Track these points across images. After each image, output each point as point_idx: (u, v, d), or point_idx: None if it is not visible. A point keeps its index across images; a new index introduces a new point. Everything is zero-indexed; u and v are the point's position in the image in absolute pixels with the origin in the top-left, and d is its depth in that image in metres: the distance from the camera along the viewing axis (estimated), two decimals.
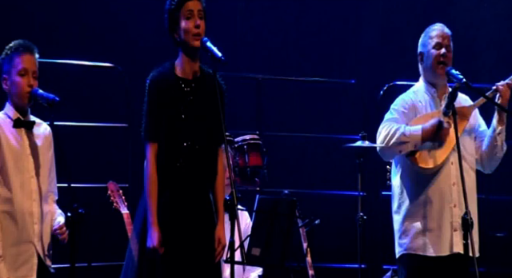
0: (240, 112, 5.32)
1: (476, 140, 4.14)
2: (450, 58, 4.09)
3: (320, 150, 5.91)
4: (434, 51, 4.08)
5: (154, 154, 3.47)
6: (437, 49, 4.08)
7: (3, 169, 3.55)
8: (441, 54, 4.06)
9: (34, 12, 5.48)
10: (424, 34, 4.16)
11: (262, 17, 6.12)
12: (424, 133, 3.98)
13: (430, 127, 3.98)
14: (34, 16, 5.47)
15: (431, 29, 4.15)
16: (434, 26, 4.16)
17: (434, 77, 4.12)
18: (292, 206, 3.96)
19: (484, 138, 4.12)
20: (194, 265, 3.44)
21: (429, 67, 4.11)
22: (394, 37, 6.13)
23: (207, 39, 3.47)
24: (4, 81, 3.64)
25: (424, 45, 4.13)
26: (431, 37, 4.11)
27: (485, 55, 6.09)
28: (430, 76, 4.13)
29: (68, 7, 5.62)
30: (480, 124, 4.19)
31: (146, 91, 3.51)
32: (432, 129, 3.97)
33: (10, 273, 3.52)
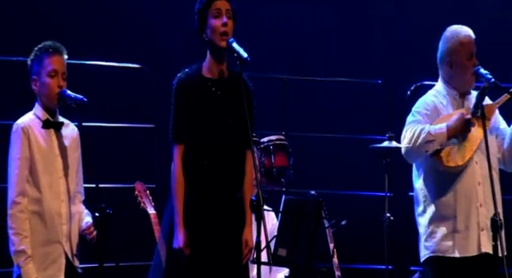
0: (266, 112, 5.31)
1: (497, 138, 4.11)
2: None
3: (346, 151, 5.89)
4: (468, 62, 4.02)
5: (181, 155, 3.48)
6: (470, 59, 4.02)
7: (33, 170, 3.59)
8: (474, 65, 4.01)
9: (62, 13, 5.54)
10: (452, 37, 4.07)
11: (288, 18, 6.12)
12: (449, 130, 3.95)
13: (454, 123, 3.95)
14: (63, 18, 5.52)
15: (461, 34, 4.06)
16: (462, 31, 4.07)
17: (465, 86, 4.07)
18: (318, 207, 3.96)
19: (505, 136, 4.09)
20: (221, 266, 3.45)
21: (461, 77, 4.06)
22: (421, 37, 6.08)
23: (233, 40, 3.48)
24: (34, 82, 3.68)
25: (455, 51, 4.05)
26: (462, 44, 4.04)
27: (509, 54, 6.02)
28: (459, 84, 4.08)
29: (96, 9, 5.66)
30: (500, 122, 4.15)
31: (173, 92, 3.53)
32: (456, 125, 3.95)
33: (38, 273, 3.56)
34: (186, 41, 3.87)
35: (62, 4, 5.56)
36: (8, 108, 3.98)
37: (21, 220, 3.55)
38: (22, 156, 3.57)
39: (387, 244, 4.47)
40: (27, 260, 3.53)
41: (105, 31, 5.67)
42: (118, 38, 5.68)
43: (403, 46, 6.19)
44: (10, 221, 3.56)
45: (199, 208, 3.47)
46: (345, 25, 6.18)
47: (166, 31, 5.75)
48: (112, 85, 5.55)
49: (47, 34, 3.84)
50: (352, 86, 6.04)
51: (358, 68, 6.09)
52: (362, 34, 6.21)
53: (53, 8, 5.52)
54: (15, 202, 3.56)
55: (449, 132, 3.95)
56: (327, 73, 5.93)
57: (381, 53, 6.20)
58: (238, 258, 3.47)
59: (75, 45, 3.96)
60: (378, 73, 6.02)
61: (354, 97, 6.08)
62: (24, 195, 3.57)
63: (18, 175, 3.56)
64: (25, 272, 3.53)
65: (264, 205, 3.30)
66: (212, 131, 3.49)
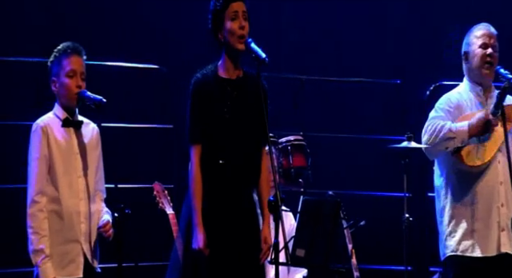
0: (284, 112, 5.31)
1: None
2: (496, 58, 4.04)
3: (364, 151, 5.87)
4: (480, 51, 4.03)
5: (198, 156, 3.50)
6: (483, 48, 4.02)
7: (52, 169, 3.61)
8: (487, 54, 4.01)
9: (82, 15, 5.58)
10: (469, 34, 4.11)
11: (306, 18, 6.11)
12: (471, 128, 3.94)
13: (476, 122, 3.94)
14: (82, 19, 5.56)
15: (476, 28, 4.10)
16: (479, 26, 4.11)
17: (480, 77, 4.06)
18: (336, 207, 3.94)
19: None
20: (239, 266, 3.46)
21: (474, 67, 4.06)
22: (440, 37, 6.05)
23: (251, 40, 3.48)
24: (53, 83, 3.70)
25: (469, 44, 4.08)
26: (477, 36, 4.06)
27: None
28: (476, 76, 4.08)
29: (114, 10, 5.70)
30: None
31: (190, 93, 3.55)
32: (478, 124, 3.93)
33: (56, 272, 3.57)
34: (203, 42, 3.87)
35: (81, 6, 5.60)
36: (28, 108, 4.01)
37: (40, 219, 3.56)
38: (41, 156, 3.59)
39: (406, 244, 4.45)
40: (45, 260, 3.55)
41: (123, 32, 5.70)
42: (137, 39, 5.71)
43: (422, 46, 6.17)
44: (28, 220, 3.58)
45: (216, 209, 3.48)
46: (363, 25, 6.17)
47: (183, 32, 5.77)
48: (130, 86, 5.58)
49: (67, 35, 3.87)
50: (370, 86, 6.02)
51: (377, 68, 6.08)
52: (380, 34, 6.19)
53: (72, 10, 5.57)
54: (34, 201, 3.58)
55: (470, 130, 3.94)
56: (345, 73, 5.92)
57: (400, 53, 6.18)
58: (256, 258, 3.47)
59: (94, 46, 3.99)
60: (396, 73, 6.00)
61: (372, 97, 6.06)
62: (43, 194, 3.59)
63: (37, 174, 3.59)
64: (42, 271, 3.54)
65: (282, 206, 3.30)
66: (229, 131, 3.50)
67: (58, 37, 3.91)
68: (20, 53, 5.14)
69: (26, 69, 5.12)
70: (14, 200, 3.95)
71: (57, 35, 4.02)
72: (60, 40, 3.75)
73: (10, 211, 4.14)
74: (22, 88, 5.28)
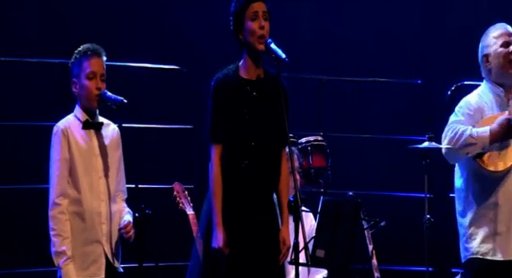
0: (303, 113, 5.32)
1: None
2: None
3: (385, 151, 5.86)
4: (503, 50, 3.99)
5: (219, 155, 3.52)
6: (505, 47, 3.99)
7: (73, 171, 3.65)
8: (510, 52, 3.97)
9: (102, 17, 5.62)
10: (486, 36, 4.07)
11: (325, 18, 6.11)
12: (492, 134, 3.90)
13: (498, 127, 3.90)
14: (103, 21, 5.61)
15: (493, 29, 4.06)
16: (495, 26, 4.07)
17: (505, 76, 4.03)
18: (356, 208, 3.95)
19: None
20: (259, 266, 3.47)
21: (498, 67, 4.02)
22: (461, 36, 6.02)
23: (271, 40, 3.50)
24: (74, 85, 3.74)
25: (488, 46, 4.04)
26: (495, 36, 4.03)
27: None
28: (500, 76, 4.04)
29: (134, 11, 5.73)
30: None
31: (210, 93, 3.57)
32: (500, 129, 3.89)
33: (78, 272, 3.61)
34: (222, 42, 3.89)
35: (101, 7, 5.65)
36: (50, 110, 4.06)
37: (61, 221, 3.60)
38: (62, 158, 3.63)
39: (428, 245, 4.43)
40: (67, 261, 3.59)
41: (144, 33, 5.74)
42: (156, 40, 5.74)
43: (443, 45, 6.14)
44: (50, 223, 3.61)
45: (236, 209, 3.50)
46: (384, 24, 6.15)
47: (203, 32, 5.80)
48: (151, 87, 5.61)
49: (88, 37, 3.90)
50: (391, 86, 6.01)
51: (397, 68, 6.06)
52: (401, 33, 6.17)
53: (92, 11, 5.61)
54: (56, 203, 3.62)
55: (492, 136, 3.90)
56: (365, 73, 5.91)
57: (421, 52, 6.16)
58: (275, 258, 3.49)
59: (115, 47, 4.02)
60: (417, 73, 5.98)
61: (393, 98, 6.04)
62: (64, 196, 3.63)
63: (59, 176, 3.62)
64: (65, 272, 3.58)
65: (302, 206, 3.31)
66: (249, 132, 3.52)
67: (79, 38, 3.95)
68: (42, 54, 5.19)
69: (48, 70, 5.17)
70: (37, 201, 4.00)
71: (78, 36, 4.06)
72: (81, 41, 3.79)
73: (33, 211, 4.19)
74: (44, 89, 5.34)
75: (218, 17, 4.01)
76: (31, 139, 5.04)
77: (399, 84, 5.99)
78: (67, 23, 5.51)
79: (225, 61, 3.67)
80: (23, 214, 5.08)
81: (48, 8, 5.53)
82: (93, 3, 5.62)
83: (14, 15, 5.43)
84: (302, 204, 3.31)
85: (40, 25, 5.48)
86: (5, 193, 5.05)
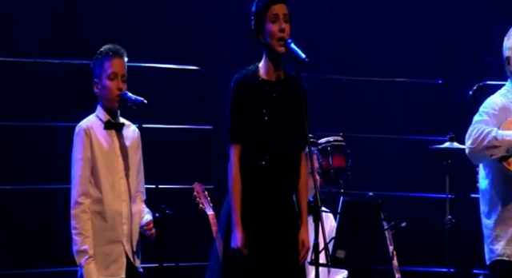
0: (323, 113, 5.32)
1: None
2: None
3: (405, 152, 5.85)
4: None
5: (238, 155, 3.54)
6: None
7: (95, 170, 3.69)
8: None
9: (123, 18, 5.67)
10: (508, 37, 4.04)
11: (346, 17, 6.11)
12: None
13: None
14: (123, 21, 5.65)
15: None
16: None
17: None
18: (377, 208, 3.95)
19: None
20: (278, 266, 3.49)
21: None
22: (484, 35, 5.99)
23: (291, 41, 3.52)
24: (95, 85, 3.78)
25: (511, 48, 4.01)
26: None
27: None
28: None
29: (154, 12, 5.77)
30: None
31: (230, 93, 3.59)
32: None
33: (100, 272, 3.65)
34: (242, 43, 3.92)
35: (121, 8, 5.69)
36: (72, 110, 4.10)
37: (83, 220, 3.64)
38: (84, 158, 3.67)
39: (449, 246, 4.42)
40: (89, 260, 3.63)
41: (163, 34, 5.77)
42: (176, 41, 5.78)
43: (465, 45, 6.11)
44: (72, 221, 3.65)
45: (256, 209, 3.52)
46: (404, 24, 6.14)
47: (223, 32, 5.82)
48: (170, 87, 5.65)
49: (109, 38, 3.94)
50: (411, 87, 5.99)
51: (418, 68, 6.04)
52: (421, 33, 6.15)
53: (112, 12, 5.66)
54: (78, 202, 3.66)
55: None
56: (385, 73, 5.90)
57: (442, 52, 6.13)
58: (295, 259, 3.50)
59: (135, 48, 4.06)
60: (438, 73, 5.95)
61: (414, 98, 6.03)
62: (86, 195, 3.67)
63: (81, 176, 3.66)
64: (86, 271, 3.62)
65: (322, 207, 3.32)
66: (268, 132, 3.54)
67: (99, 39, 3.99)
68: (63, 55, 5.25)
69: (70, 70, 5.22)
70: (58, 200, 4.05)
71: (98, 37, 4.10)
72: (101, 42, 3.83)
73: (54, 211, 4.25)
74: (66, 89, 5.39)
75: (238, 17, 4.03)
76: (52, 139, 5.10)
77: (420, 84, 5.97)
78: (87, 24, 5.56)
79: (244, 62, 3.69)
80: (44, 213, 5.14)
81: (68, 10, 5.58)
82: (113, 4, 5.67)
83: (32, 16, 5.49)
84: (321, 204, 3.31)
85: (60, 25, 5.53)
86: (25, 193, 5.11)
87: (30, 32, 5.44)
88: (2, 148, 5.11)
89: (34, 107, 5.33)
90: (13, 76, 5.29)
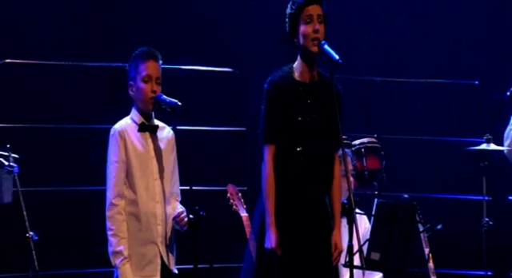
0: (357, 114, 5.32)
1: None
2: None
3: (441, 153, 5.81)
4: None
5: (272, 156, 3.57)
6: None
7: (129, 172, 3.73)
8: None
9: (157, 21, 5.73)
10: None
11: (379, 18, 6.09)
12: None
13: None
14: (157, 23, 5.71)
15: None
16: None
17: None
18: (412, 210, 3.93)
19: None
20: (312, 267, 3.50)
21: None
22: None
23: (325, 42, 3.53)
24: (130, 88, 3.83)
25: None
26: None
27: None
28: None
29: (188, 15, 5.82)
30: None
31: (264, 94, 3.62)
32: None
33: (135, 273, 3.69)
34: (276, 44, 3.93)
35: (155, 10, 5.75)
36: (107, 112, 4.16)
37: (118, 221, 3.69)
38: (119, 160, 3.72)
39: (486, 248, 4.38)
40: (124, 261, 3.67)
41: (197, 36, 5.82)
42: (210, 43, 5.82)
43: (502, 45, 6.05)
44: (108, 223, 3.71)
45: (289, 209, 3.54)
46: (439, 24, 6.10)
47: (256, 34, 5.84)
48: (204, 89, 5.69)
49: (144, 40, 3.99)
50: (447, 87, 5.94)
51: (454, 68, 5.99)
52: (457, 33, 6.11)
53: (147, 15, 5.72)
54: (113, 204, 3.71)
55: None
56: (420, 74, 5.86)
57: (478, 52, 6.08)
58: (328, 260, 3.51)
59: (169, 50, 4.10)
60: (475, 74, 5.90)
61: (450, 99, 5.98)
62: (121, 197, 3.72)
63: (116, 177, 3.71)
64: (122, 272, 3.67)
65: (356, 209, 3.32)
66: (302, 133, 3.55)
67: (135, 42, 4.04)
68: (99, 58, 5.32)
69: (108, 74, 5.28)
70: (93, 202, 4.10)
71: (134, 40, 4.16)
72: (137, 45, 3.88)
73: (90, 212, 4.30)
74: (101, 92, 5.46)
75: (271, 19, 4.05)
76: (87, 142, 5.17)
77: (456, 84, 5.93)
78: (122, 27, 5.63)
79: (278, 63, 3.71)
80: (81, 215, 5.21)
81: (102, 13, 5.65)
82: (148, 7, 5.73)
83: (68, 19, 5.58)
84: (356, 206, 3.31)
85: (95, 29, 5.61)
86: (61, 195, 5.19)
87: (66, 35, 5.52)
88: (38, 150, 5.19)
89: (69, 109, 5.41)
90: (49, 79, 5.37)
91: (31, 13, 5.43)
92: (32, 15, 5.43)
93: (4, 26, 5.35)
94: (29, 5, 5.42)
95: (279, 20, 3.69)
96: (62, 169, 5.31)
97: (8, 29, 5.36)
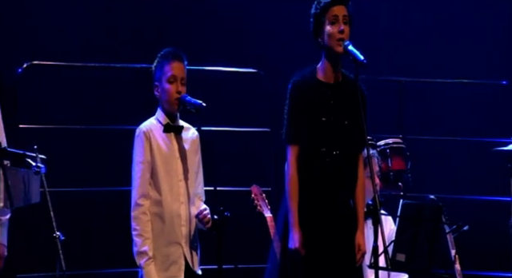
0: (382, 115, 5.30)
1: None
2: None
3: (467, 154, 5.78)
4: None
5: (295, 157, 3.59)
6: None
7: (154, 173, 3.77)
8: None
9: (182, 20, 5.77)
10: None
11: (405, 17, 6.07)
12: None
13: None
14: (182, 24, 5.75)
15: None
16: None
17: None
18: (438, 211, 3.93)
19: None
20: (336, 268, 3.51)
21: None
22: None
23: (349, 42, 3.54)
24: (155, 88, 3.87)
25: None
26: None
27: None
28: None
29: (212, 16, 5.85)
30: None
31: (288, 94, 3.64)
32: None
33: (159, 273, 3.73)
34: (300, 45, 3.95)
35: (181, 12, 5.79)
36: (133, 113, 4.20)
37: (143, 221, 3.73)
38: (144, 160, 3.76)
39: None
40: (148, 261, 3.71)
41: (221, 37, 5.84)
42: (235, 44, 5.84)
43: None
44: (133, 223, 3.75)
45: (313, 210, 3.55)
46: (466, 23, 6.06)
47: (280, 35, 5.86)
48: (228, 90, 5.71)
49: (168, 41, 4.03)
50: (475, 88, 5.91)
51: (481, 68, 5.95)
52: (486, 32, 6.06)
53: (173, 17, 5.76)
54: (138, 204, 3.75)
55: None
56: (446, 74, 5.83)
57: (506, 52, 6.03)
58: (352, 261, 3.51)
59: (194, 51, 4.12)
60: (503, 74, 5.85)
61: (477, 99, 5.94)
62: (146, 197, 3.76)
63: (141, 178, 3.75)
64: (146, 272, 3.71)
65: (381, 210, 3.33)
66: (326, 134, 3.57)
67: (160, 43, 4.07)
68: (124, 59, 5.36)
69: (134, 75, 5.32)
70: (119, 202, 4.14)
71: (159, 41, 4.20)
72: (162, 46, 3.92)
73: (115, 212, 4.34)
74: (127, 93, 5.51)
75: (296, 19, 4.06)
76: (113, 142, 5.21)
77: (484, 85, 5.89)
78: (148, 28, 5.67)
79: (302, 64, 3.73)
80: (106, 215, 5.26)
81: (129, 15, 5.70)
82: (172, 8, 5.77)
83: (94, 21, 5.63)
84: (380, 207, 3.32)
85: (121, 30, 5.66)
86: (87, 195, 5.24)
87: (93, 37, 5.57)
88: (66, 151, 5.25)
89: (96, 110, 5.47)
90: (76, 80, 5.43)
91: (58, 16, 5.50)
92: (59, 17, 5.50)
93: (32, 28, 5.43)
94: (56, 7, 5.49)
95: (305, 20, 3.70)
96: (88, 170, 5.37)
97: (36, 31, 5.43)
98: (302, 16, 3.74)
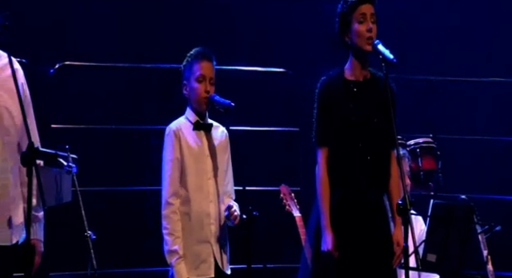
0: (413, 114, 5.28)
1: None
2: None
3: (498, 153, 5.72)
4: None
5: (325, 158, 3.59)
6: None
7: (183, 171, 3.81)
8: None
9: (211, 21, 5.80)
10: None
11: (435, 16, 6.04)
12: None
13: None
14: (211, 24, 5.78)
15: None
16: None
17: None
18: (469, 211, 3.90)
19: None
20: (369, 269, 3.50)
21: None
22: None
23: (379, 42, 3.54)
24: (184, 88, 3.91)
25: None
26: None
27: None
28: None
29: (241, 15, 5.87)
30: None
31: (316, 95, 3.65)
32: None
33: (190, 272, 3.76)
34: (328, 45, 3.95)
35: (209, 12, 5.82)
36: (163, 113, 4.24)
37: (174, 220, 3.77)
38: (174, 158, 3.80)
39: None
40: (179, 260, 3.75)
41: (250, 37, 5.87)
42: (263, 43, 5.86)
43: None
44: (163, 222, 3.79)
45: (344, 211, 3.55)
46: (497, 22, 6.01)
47: (309, 35, 5.86)
48: (257, 90, 5.73)
49: (198, 41, 4.06)
50: (505, 86, 5.85)
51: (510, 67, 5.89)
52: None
53: (202, 16, 5.80)
54: (168, 203, 3.79)
55: None
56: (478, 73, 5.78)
57: None
58: (386, 261, 3.50)
59: (223, 51, 4.15)
60: None
61: (508, 98, 5.88)
62: (177, 196, 3.80)
63: (171, 176, 3.79)
64: (177, 271, 3.74)
65: (411, 210, 3.31)
66: (355, 133, 3.56)
67: (189, 42, 4.11)
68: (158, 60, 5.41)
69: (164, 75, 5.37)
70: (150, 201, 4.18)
71: (188, 41, 4.22)
72: (191, 46, 3.95)
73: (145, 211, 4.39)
74: (157, 93, 5.56)
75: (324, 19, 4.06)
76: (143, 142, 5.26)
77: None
78: (177, 28, 5.71)
79: (331, 64, 3.73)
80: (136, 214, 5.31)
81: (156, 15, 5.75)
82: (201, 8, 5.80)
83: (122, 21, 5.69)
84: (411, 207, 3.30)
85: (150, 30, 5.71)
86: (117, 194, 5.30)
87: (123, 37, 5.63)
88: (95, 151, 5.32)
89: (126, 110, 5.52)
90: (106, 80, 5.49)
91: (89, 17, 5.56)
92: (90, 19, 5.56)
93: (63, 29, 5.50)
94: (87, 8, 5.56)
95: (332, 20, 3.70)
96: (119, 169, 5.42)
97: (68, 32, 5.50)
98: (331, 16, 3.73)
